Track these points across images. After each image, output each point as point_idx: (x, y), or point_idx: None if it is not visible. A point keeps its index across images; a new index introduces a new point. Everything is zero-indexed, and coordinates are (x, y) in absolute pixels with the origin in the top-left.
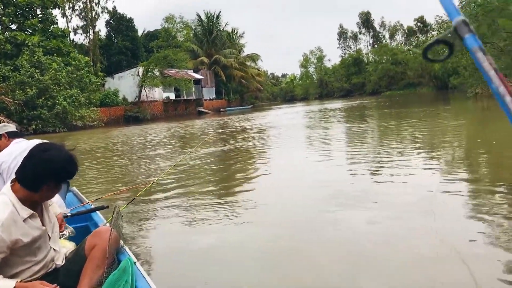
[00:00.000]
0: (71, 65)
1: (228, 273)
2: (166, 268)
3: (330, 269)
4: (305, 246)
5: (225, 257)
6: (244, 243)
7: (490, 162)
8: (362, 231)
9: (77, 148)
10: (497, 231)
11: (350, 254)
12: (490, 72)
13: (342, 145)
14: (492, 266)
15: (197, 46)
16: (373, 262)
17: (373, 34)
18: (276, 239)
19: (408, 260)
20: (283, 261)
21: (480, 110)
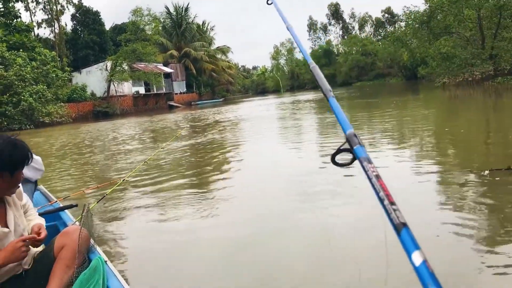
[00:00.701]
0: (36, 60)
1: (201, 271)
2: (138, 267)
3: (302, 263)
4: (276, 241)
5: (197, 254)
6: (217, 240)
7: (458, 150)
8: (333, 224)
9: (42, 146)
10: (465, 219)
11: (320, 246)
12: (373, 179)
13: (315, 136)
14: (458, 253)
15: (166, 39)
16: (341, 254)
17: (343, 25)
18: (248, 234)
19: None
20: (255, 256)
21: (448, 99)
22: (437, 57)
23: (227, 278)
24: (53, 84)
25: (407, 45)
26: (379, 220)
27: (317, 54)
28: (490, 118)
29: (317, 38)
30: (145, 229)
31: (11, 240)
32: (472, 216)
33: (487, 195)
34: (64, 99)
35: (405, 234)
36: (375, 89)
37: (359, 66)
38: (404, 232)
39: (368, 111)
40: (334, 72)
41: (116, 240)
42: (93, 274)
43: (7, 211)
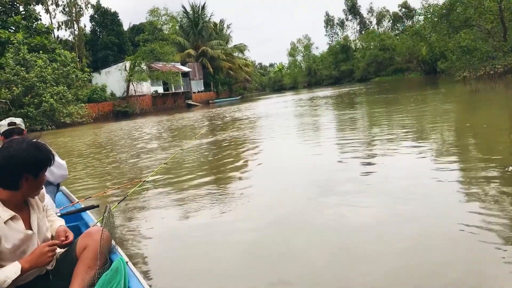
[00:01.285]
0: (56, 61)
1: (221, 271)
2: (159, 268)
3: (322, 262)
4: (296, 241)
5: (218, 255)
6: (238, 240)
7: (480, 146)
8: (354, 221)
9: (64, 146)
10: (489, 215)
11: (342, 244)
12: None
13: (333, 133)
14: (484, 250)
15: (183, 39)
16: (366, 252)
17: (360, 20)
18: (269, 234)
19: (400, 250)
20: (275, 256)
21: (469, 93)
22: (457, 50)
23: (248, 279)
24: (73, 85)
25: (425, 39)
26: (398, 217)
27: (334, 50)
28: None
29: (334, 33)
30: (166, 229)
31: (35, 242)
32: (495, 212)
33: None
34: (84, 100)
35: None
36: (394, 84)
37: (377, 61)
38: None
39: (387, 107)
40: (352, 68)
41: (137, 241)
42: (114, 275)
43: (31, 213)
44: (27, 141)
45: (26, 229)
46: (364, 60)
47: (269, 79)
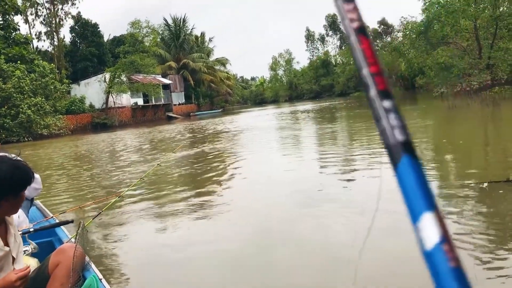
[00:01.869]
0: (35, 72)
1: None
2: (134, 285)
3: (302, 274)
4: (276, 253)
5: (196, 271)
6: (216, 255)
7: (456, 162)
8: (334, 234)
9: (40, 159)
10: (463, 233)
11: (320, 256)
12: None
13: (314, 147)
14: None
15: (164, 51)
16: (343, 263)
17: (340, 36)
18: (248, 247)
19: (380, 261)
20: (256, 271)
21: (446, 109)
22: (434, 67)
23: None
24: (52, 96)
25: (404, 55)
26: (381, 229)
27: (315, 65)
28: (488, 128)
29: (315, 48)
30: (142, 246)
31: (10, 258)
32: (470, 229)
33: (486, 208)
34: (62, 111)
35: (406, 169)
36: None
37: (356, 76)
38: (403, 165)
39: (367, 122)
40: (333, 82)
41: (112, 257)
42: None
43: (8, 229)
44: (6, 161)
45: (4, 246)
46: (344, 75)
47: (250, 92)
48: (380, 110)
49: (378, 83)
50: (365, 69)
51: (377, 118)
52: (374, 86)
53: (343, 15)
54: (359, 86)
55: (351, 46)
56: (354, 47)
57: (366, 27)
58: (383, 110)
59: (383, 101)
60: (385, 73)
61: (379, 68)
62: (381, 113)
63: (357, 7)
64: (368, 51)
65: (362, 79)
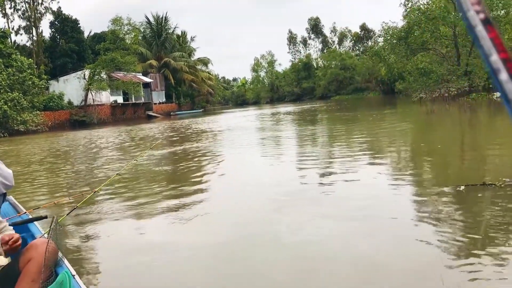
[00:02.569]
0: (12, 67)
1: (175, 286)
2: (108, 282)
3: (282, 276)
4: (253, 253)
5: (171, 269)
6: (193, 253)
7: (434, 165)
8: (313, 236)
9: (15, 155)
10: (439, 234)
11: (299, 258)
12: None
13: (294, 148)
14: (436, 266)
15: (145, 49)
16: (321, 266)
17: (322, 39)
18: (225, 246)
19: (354, 264)
20: (232, 268)
21: (424, 114)
22: (414, 72)
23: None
24: (29, 91)
25: (385, 60)
26: (354, 232)
27: (297, 67)
28: (465, 133)
29: (297, 51)
30: (117, 243)
31: None
32: (445, 230)
33: (462, 210)
34: (40, 107)
35: None
36: (353, 103)
37: (337, 80)
38: None
39: (346, 125)
40: (314, 85)
41: (86, 254)
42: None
43: None
44: None
45: None
46: (325, 79)
47: (232, 93)
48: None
49: (510, 68)
50: (495, 55)
51: (509, 100)
52: (505, 71)
53: (468, 7)
54: (339, 90)
55: (477, 35)
56: (482, 35)
57: (491, 18)
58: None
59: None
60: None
61: (508, 54)
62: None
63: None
64: (497, 40)
65: (491, 65)
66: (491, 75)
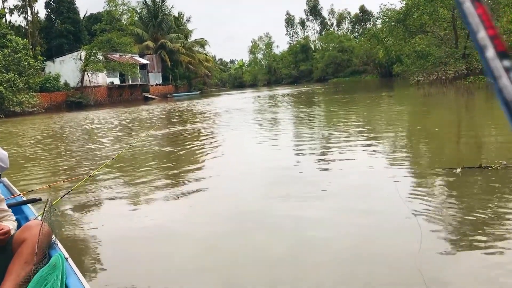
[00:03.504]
0: (7, 47)
1: (169, 270)
2: (101, 264)
3: (278, 261)
4: (252, 237)
5: (166, 252)
6: (188, 236)
7: (431, 147)
8: (309, 217)
9: (11, 136)
10: (437, 213)
11: (296, 243)
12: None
13: (291, 130)
14: (429, 245)
15: (142, 30)
16: (317, 250)
17: (321, 21)
18: (223, 232)
19: (350, 244)
20: (228, 253)
21: (421, 96)
22: (412, 55)
23: (197, 277)
24: (25, 72)
25: (383, 42)
26: (350, 213)
27: (294, 50)
28: (462, 116)
29: (295, 33)
30: (111, 226)
31: None
32: (441, 212)
33: (458, 192)
34: (36, 89)
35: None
36: (351, 86)
37: (335, 62)
38: None
39: (344, 107)
40: (311, 68)
41: (80, 237)
42: (52, 271)
43: None
44: None
45: None
46: (323, 61)
47: (229, 75)
48: (499, 70)
49: (497, 44)
50: (482, 32)
51: (495, 77)
52: (493, 48)
53: None
54: (337, 72)
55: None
56: (469, 12)
57: None
58: (502, 69)
59: (503, 61)
60: (500, 35)
61: (496, 31)
62: (501, 72)
63: None
64: (484, 16)
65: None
66: (479, 52)
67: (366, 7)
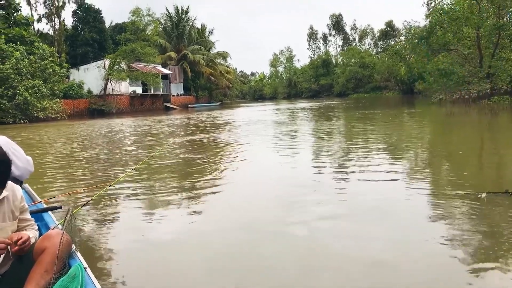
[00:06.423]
0: (34, 54)
1: (185, 280)
2: (120, 275)
3: (288, 270)
4: (263, 249)
5: (183, 263)
6: (204, 248)
7: (455, 170)
8: (324, 234)
9: (34, 142)
10: (459, 243)
11: (310, 255)
12: None
13: (311, 144)
14: (450, 269)
15: (165, 41)
16: (331, 264)
17: (343, 36)
18: (237, 242)
19: (365, 263)
20: (242, 265)
21: (444, 115)
22: (434, 73)
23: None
24: (50, 79)
25: (405, 59)
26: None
27: (315, 64)
28: (486, 137)
29: (317, 47)
30: (130, 237)
31: None
32: (465, 238)
33: (484, 219)
34: (60, 95)
35: None
36: (372, 102)
37: (356, 77)
38: None
39: (365, 123)
40: (332, 83)
41: (99, 247)
42: (71, 282)
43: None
44: None
45: None
46: (343, 76)
47: (249, 87)
48: None
49: None
50: None
51: None
52: None
53: None
54: (358, 88)
55: None
56: None
57: None
58: None
59: None
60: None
61: None
62: None
63: None
64: None
65: None
66: None
67: (394, 23)
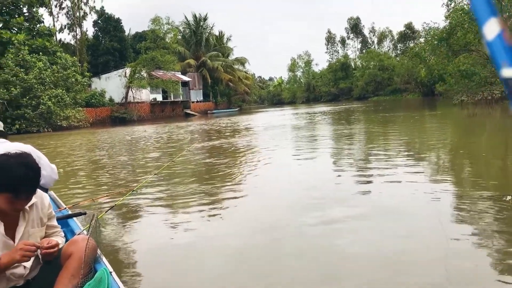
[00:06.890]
0: (57, 64)
1: (209, 284)
2: (145, 279)
3: (306, 274)
4: (288, 256)
5: (206, 268)
6: (229, 254)
7: (478, 172)
8: (343, 240)
9: (58, 150)
10: (483, 246)
11: (330, 260)
12: None
13: (331, 148)
14: (473, 272)
15: (184, 48)
16: (353, 268)
17: (362, 39)
18: (259, 246)
19: (389, 267)
20: (265, 267)
21: (466, 117)
22: (455, 74)
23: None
24: (72, 88)
25: (425, 61)
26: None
27: (334, 67)
28: (510, 139)
29: (335, 51)
30: (153, 241)
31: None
32: (490, 242)
33: (509, 221)
34: (82, 104)
35: None
36: (392, 104)
37: (376, 80)
38: None
39: (385, 126)
40: (351, 86)
41: (123, 251)
42: (97, 285)
43: (20, 223)
44: (15, 157)
45: (8, 238)
46: (363, 79)
47: (268, 92)
48: None
49: None
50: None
51: None
52: None
53: None
54: (377, 91)
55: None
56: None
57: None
58: None
59: None
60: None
61: None
62: None
63: None
64: None
65: None
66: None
67: (413, 25)
